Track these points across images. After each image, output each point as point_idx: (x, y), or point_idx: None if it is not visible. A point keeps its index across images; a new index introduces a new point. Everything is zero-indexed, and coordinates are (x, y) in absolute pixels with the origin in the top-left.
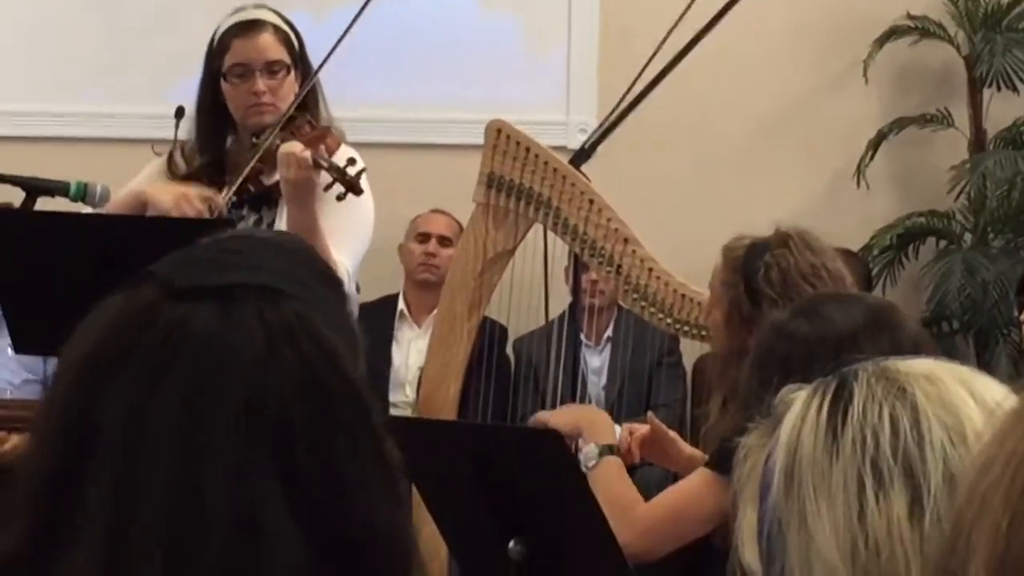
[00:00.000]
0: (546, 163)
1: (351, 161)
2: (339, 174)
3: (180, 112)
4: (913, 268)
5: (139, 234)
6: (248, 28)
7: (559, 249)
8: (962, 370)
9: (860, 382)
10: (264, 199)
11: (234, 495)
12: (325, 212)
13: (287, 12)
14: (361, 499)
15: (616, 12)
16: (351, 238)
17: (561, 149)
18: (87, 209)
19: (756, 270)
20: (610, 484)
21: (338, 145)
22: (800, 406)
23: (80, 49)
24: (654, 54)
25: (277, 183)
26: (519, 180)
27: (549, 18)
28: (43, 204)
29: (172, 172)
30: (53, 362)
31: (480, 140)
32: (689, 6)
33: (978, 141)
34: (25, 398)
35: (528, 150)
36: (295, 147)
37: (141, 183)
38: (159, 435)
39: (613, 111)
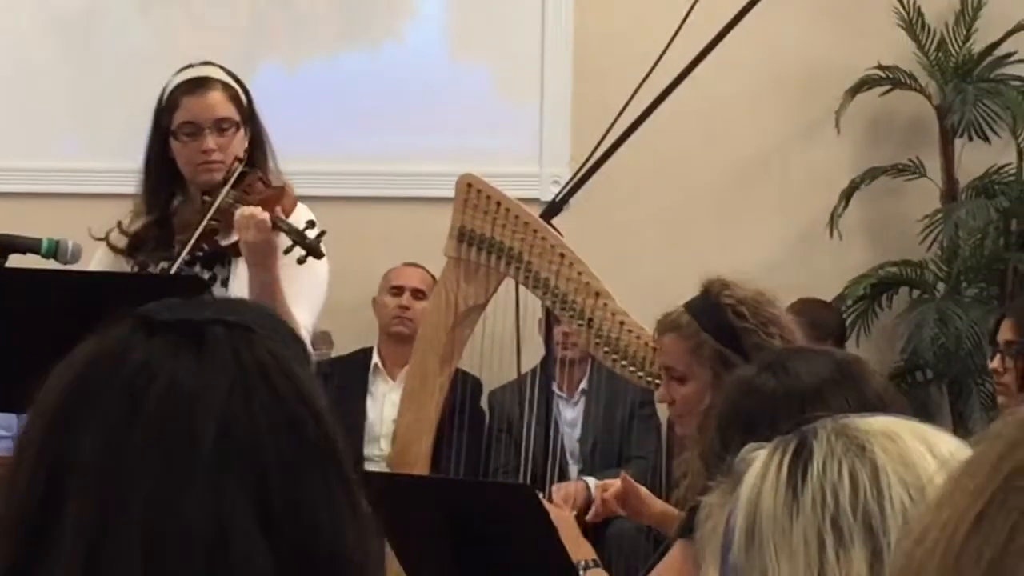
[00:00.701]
0: (517, 217)
1: (310, 224)
2: (299, 237)
3: None
4: (887, 318)
5: (111, 290)
6: (197, 86)
7: (533, 302)
8: (921, 427)
9: (819, 440)
10: (218, 258)
11: (208, 526)
12: (284, 273)
13: (259, 64)
14: (331, 525)
15: (588, 62)
16: (308, 296)
17: (534, 201)
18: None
19: (721, 314)
20: None
21: (294, 205)
22: (760, 465)
23: (53, 103)
24: (625, 105)
25: (233, 243)
26: (490, 234)
27: (521, 69)
28: (14, 261)
29: (114, 249)
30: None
31: (452, 193)
32: (661, 56)
33: (950, 191)
34: None
35: (499, 204)
36: (254, 210)
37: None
38: (134, 468)
39: (584, 163)
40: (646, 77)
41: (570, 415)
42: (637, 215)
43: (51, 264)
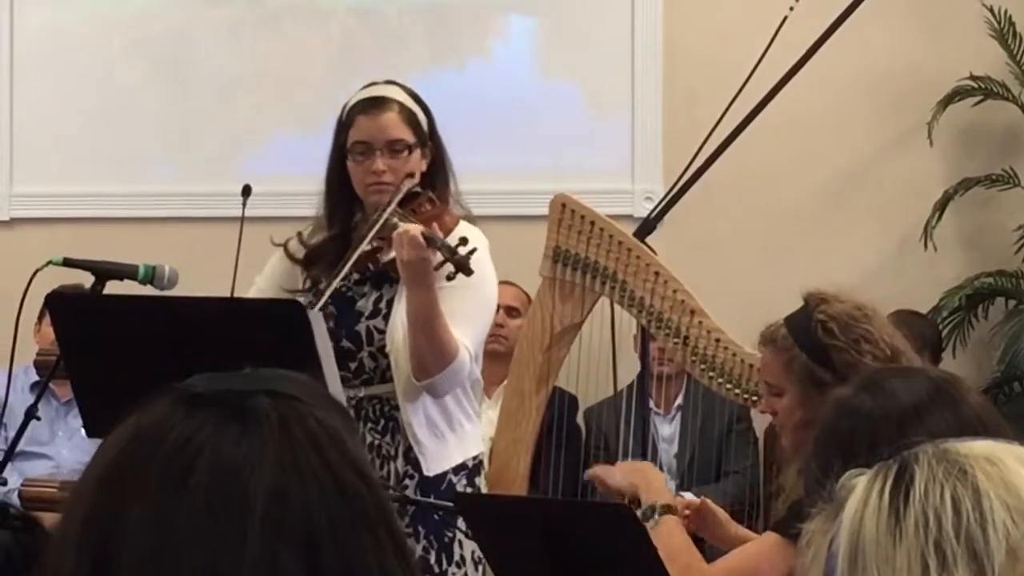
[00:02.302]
0: (611, 236)
1: (463, 240)
2: (449, 253)
3: (247, 190)
4: (983, 329)
5: (209, 316)
6: (373, 105)
7: (628, 318)
8: (1021, 450)
9: (921, 464)
10: (385, 277)
11: None
12: (443, 293)
13: (352, 84)
14: None
15: (680, 78)
16: (472, 318)
17: (627, 218)
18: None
19: (812, 331)
20: (670, 542)
21: (455, 223)
22: (862, 490)
23: (145, 128)
24: (719, 120)
25: (392, 261)
26: (584, 254)
27: (612, 86)
28: (112, 287)
29: (291, 259)
30: None
31: (545, 210)
32: (753, 72)
33: None
34: None
35: (593, 224)
36: (410, 227)
37: (266, 276)
38: (184, 546)
39: (678, 180)
40: (739, 92)
41: (667, 431)
42: (730, 230)
43: (148, 290)
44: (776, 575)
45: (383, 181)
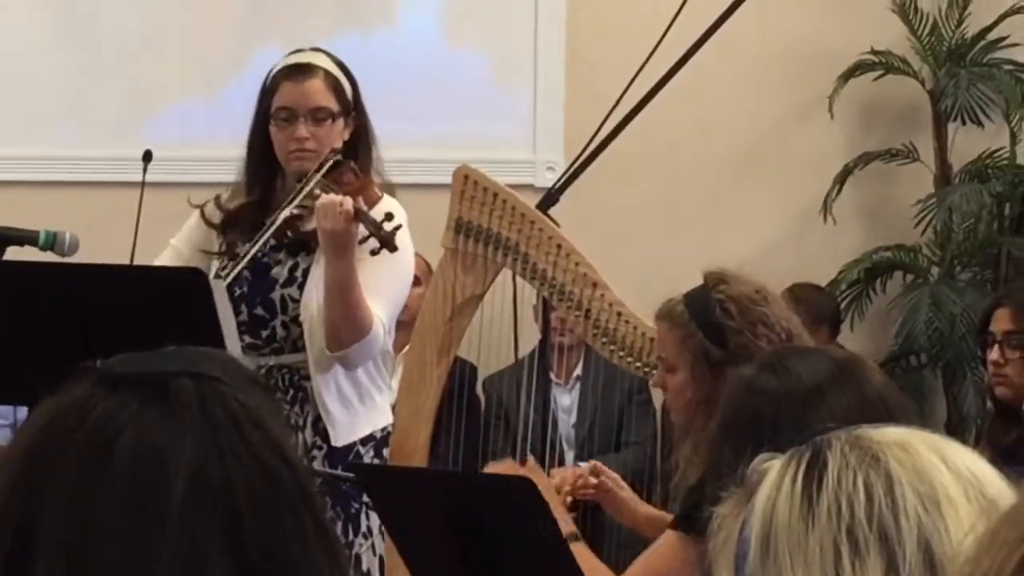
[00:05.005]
0: (514, 208)
1: (388, 216)
2: (375, 228)
3: (148, 156)
4: (881, 302)
5: (111, 283)
6: (298, 71)
7: (529, 288)
8: (934, 438)
9: (834, 451)
10: (302, 245)
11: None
12: (361, 265)
13: (258, 47)
14: (308, 572)
15: (582, 50)
16: (388, 291)
17: (528, 188)
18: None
19: (710, 311)
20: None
21: (379, 197)
22: (775, 475)
23: (46, 90)
24: (623, 93)
25: (313, 231)
26: (487, 225)
27: (515, 56)
28: (12, 253)
29: (207, 223)
30: (24, 410)
31: (447, 179)
32: (657, 45)
33: (944, 175)
34: None
35: (496, 195)
36: (336, 198)
37: (183, 238)
38: (102, 526)
39: (581, 153)
40: (641, 67)
41: (565, 401)
42: (631, 201)
43: (49, 256)
44: (687, 573)
45: (305, 148)
